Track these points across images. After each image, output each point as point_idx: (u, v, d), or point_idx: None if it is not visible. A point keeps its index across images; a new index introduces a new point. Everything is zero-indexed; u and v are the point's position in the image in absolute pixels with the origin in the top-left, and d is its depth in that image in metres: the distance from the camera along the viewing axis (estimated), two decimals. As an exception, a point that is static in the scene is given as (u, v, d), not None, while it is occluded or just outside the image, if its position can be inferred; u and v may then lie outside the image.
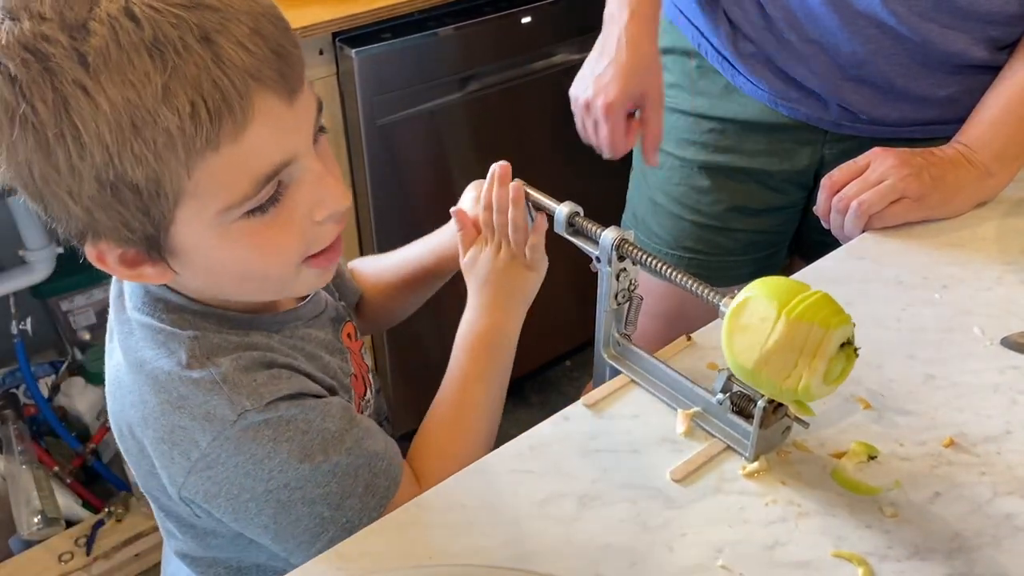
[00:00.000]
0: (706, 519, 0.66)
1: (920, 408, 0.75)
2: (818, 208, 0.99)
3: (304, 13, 1.43)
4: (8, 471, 1.66)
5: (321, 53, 1.48)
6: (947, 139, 1.00)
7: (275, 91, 0.58)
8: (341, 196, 0.65)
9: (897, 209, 0.94)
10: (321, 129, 0.65)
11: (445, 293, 0.95)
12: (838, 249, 0.95)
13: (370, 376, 0.86)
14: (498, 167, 0.84)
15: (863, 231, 0.95)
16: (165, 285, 0.68)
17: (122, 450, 0.74)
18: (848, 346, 0.62)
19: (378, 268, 0.97)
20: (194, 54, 0.54)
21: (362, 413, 0.80)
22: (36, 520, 1.62)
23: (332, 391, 0.73)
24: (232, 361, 0.66)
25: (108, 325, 0.74)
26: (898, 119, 1.06)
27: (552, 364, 2.20)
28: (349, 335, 0.84)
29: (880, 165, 0.94)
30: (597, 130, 1.01)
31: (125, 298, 0.71)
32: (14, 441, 1.67)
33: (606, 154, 1.02)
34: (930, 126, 1.05)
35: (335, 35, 1.48)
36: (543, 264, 0.85)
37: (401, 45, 1.52)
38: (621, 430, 0.73)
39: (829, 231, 0.99)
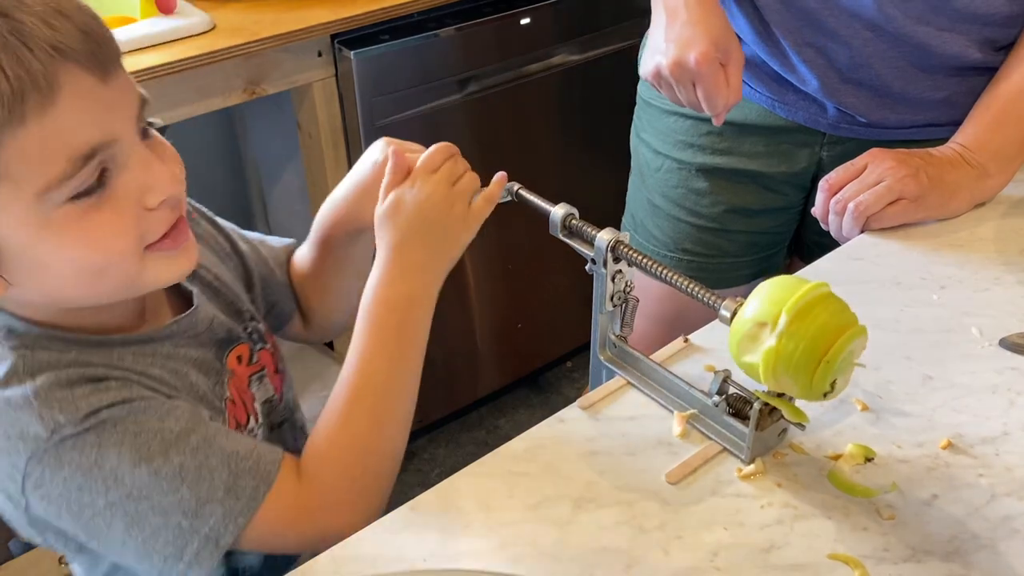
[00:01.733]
0: (702, 521, 0.66)
1: (918, 410, 0.75)
2: (816, 210, 0.98)
3: (302, 15, 1.43)
4: (8, 473, 1.66)
5: (320, 55, 1.48)
6: (945, 141, 1.00)
7: (85, 67, 0.57)
8: (172, 180, 0.63)
9: (895, 210, 0.94)
10: (150, 125, 0.64)
11: (445, 286, 0.89)
12: (836, 250, 0.94)
13: (257, 407, 0.78)
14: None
15: (861, 232, 0.95)
16: (8, 313, 0.65)
17: None
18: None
19: (302, 253, 0.89)
20: None
21: None
22: (36, 522, 1.62)
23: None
24: (50, 376, 0.62)
25: None
26: (896, 121, 1.06)
27: (553, 365, 2.20)
28: (239, 358, 0.77)
29: (878, 166, 0.94)
30: (696, 88, 0.94)
31: None
32: (14, 443, 1.67)
33: (707, 110, 0.95)
34: (928, 128, 1.05)
35: (334, 37, 1.48)
36: (479, 224, 0.74)
37: (400, 47, 1.52)
38: (617, 432, 0.73)
39: (828, 232, 0.99)
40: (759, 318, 0.62)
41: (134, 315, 0.71)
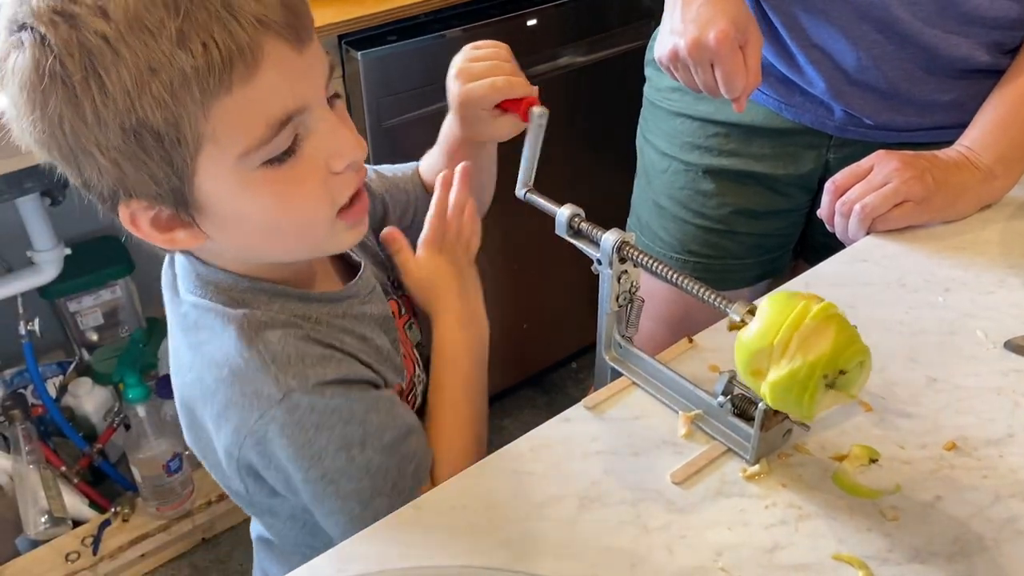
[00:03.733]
0: (706, 522, 0.66)
1: (922, 411, 0.75)
2: (822, 211, 0.98)
3: (310, 16, 1.43)
4: (16, 471, 1.67)
5: (327, 55, 1.48)
6: (953, 143, 1.00)
7: (284, 38, 0.61)
8: (357, 145, 0.67)
9: (901, 212, 0.94)
10: (336, 95, 0.68)
11: None
12: (841, 252, 0.94)
13: (415, 351, 0.86)
14: (460, 169, 0.85)
15: (867, 234, 0.95)
16: (214, 267, 0.71)
17: (184, 429, 0.77)
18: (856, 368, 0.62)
19: (431, 162, 0.97)
20: (205, 2, 0.58)
21: (413, 391, 0.82)
22: (43, 520, 1.63)
23: (380, 376, 0.74)
24: (281, 338, 0.69)
25: (167, 312, 0.77)
26: (903, 124, 1.06)
27: (558, 366, 2.20)
28: (393, 313, 0.84)
29: (883, 168, 0.94)
30: (714, 69, 0.91)
31: (179, 283, 0.74)
32: (22, 441, 1.68)
33: (725, 93, 0.92)
34: (935, 131, 1.05)
35: (341, 37, 1.48)
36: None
37: (407, 47, 1.53)
38: (622, 432, 0.73)
39: (834, 234, 0.99)
40: (753, 364, 0.63)
41: (308, 273, 0.76)
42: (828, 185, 0.97)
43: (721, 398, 0.71)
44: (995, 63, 1.00)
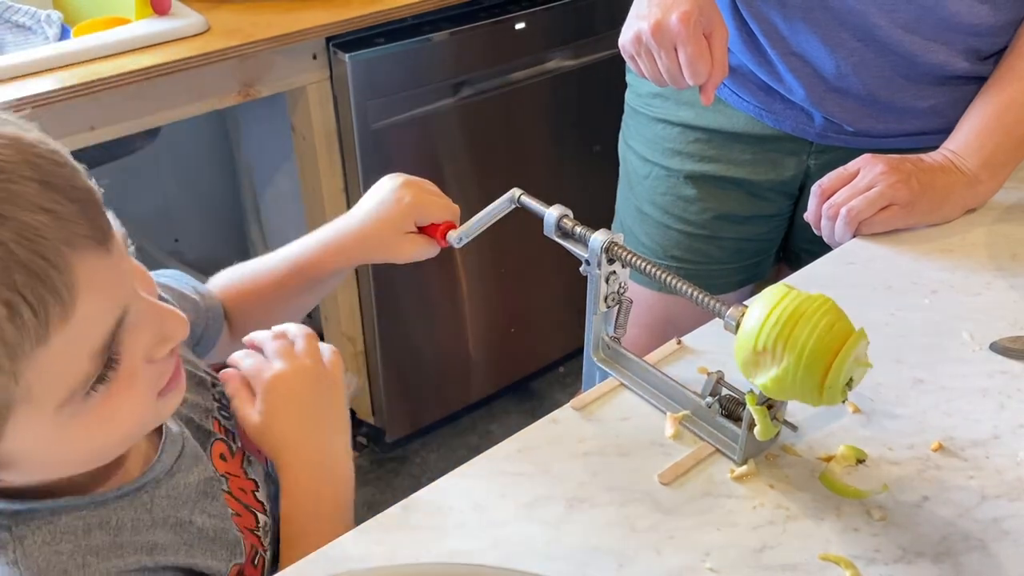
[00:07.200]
0: (694, 522, 0.66)
1: (909, 412, 0.75)
2: (809, 215, 0.99)
3: (298, 17, 1.43)
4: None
5: (315, 58, 1.48)
6: (932, 150, 1.00)
7: (92, 248, 0.49)
8: (182, 325, 0.56)
9: (886, 215, 0.94)
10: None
11: (438, 290, 0.91)
12: (828, 254, 0.95)
13: (260, 496, 0.72)
14: None
15: (853, 237, 0.96)
16: None
17: None
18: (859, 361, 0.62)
19: (241, 275, 0.86)
20: None
21: (263, 543, 0.70)
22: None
23: (208, 570, 0.64)
24: (70, 549, 0.56)
25: None
26: (883, 130, 1.06)
27: (546, 370, 2.20)
28: (223, 456, 0.70)
29: (869, 172, 0.94)
30: (677, 52, 0.89)
31: None
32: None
33: (690, 78, 0.90)
34: (915, 137, 1.06)
35: (329, 39, 1.48)
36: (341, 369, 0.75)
37: (395, 50, 1.52)
38: (610, 433, 0.73)
39: (816, 239, 0.99)
40: (756, 346, 0.62)
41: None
42: (815, 188, 0.97)
43: (709, 399, 0.71)
44: (973, 70, 1.00)
